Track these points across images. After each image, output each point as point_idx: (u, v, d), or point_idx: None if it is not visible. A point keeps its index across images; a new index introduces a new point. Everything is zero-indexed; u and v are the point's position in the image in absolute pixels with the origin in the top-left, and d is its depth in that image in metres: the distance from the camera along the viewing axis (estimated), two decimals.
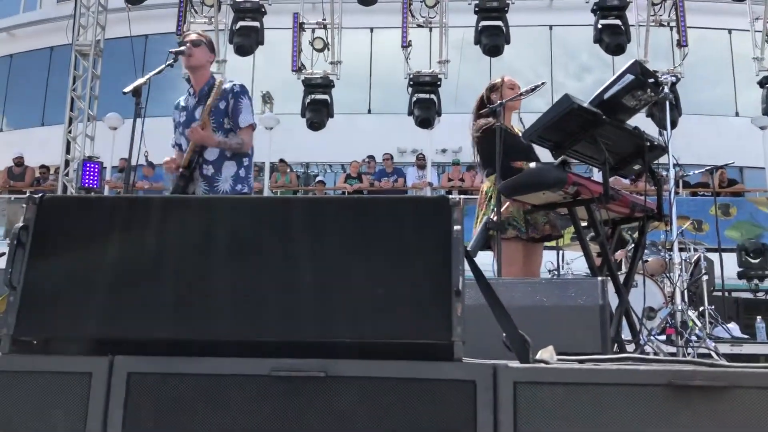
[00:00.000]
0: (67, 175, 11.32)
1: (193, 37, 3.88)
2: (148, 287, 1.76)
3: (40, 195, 1.85)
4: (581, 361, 1.85)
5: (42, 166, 13.04)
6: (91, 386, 1.64)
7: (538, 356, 1.79)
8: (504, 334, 1.81)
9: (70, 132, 11.48)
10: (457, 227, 1.72)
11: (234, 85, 3.79)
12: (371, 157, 12.99)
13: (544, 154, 3.57)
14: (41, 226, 1.80)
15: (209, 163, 3.74)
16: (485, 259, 3.91)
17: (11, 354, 1.70)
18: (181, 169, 3.73)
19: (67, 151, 11.45)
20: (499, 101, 4.00)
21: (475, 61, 11.74)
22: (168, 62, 3.80)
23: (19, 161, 12.90)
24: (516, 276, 3.86)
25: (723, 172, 10.85)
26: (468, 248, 1.87)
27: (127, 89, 3.64)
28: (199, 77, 3.86)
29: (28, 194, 11.70)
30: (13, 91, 18.50)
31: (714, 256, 6.85)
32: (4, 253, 1.96)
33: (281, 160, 12.89)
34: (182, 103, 3.92)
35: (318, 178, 14.66)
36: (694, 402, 1.56)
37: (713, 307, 6.14)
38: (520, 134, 4.12)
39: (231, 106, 3.73)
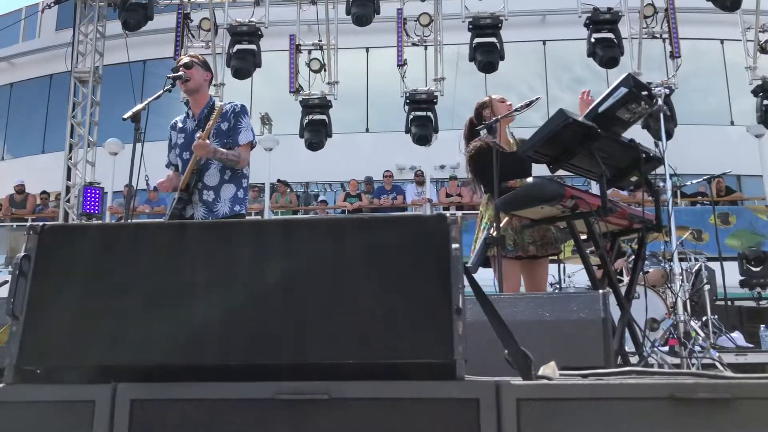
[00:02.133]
0: (68, 201, 11.35)
1: (186, 60, 3.91)
2: (148, 313, 1.76)
3: (40, 224, 1.87)
4: (584, 376, 1.85)
5: (42, 192, 13.08)
6: (95, 414, 1.64)
7: (540, 372, 1.79)
8: (506, 351, 1.81)
9: (70, 158, 11.53)
10: (455, 245, 1.73)
11: (234, 105, 3.85)
12: (369, 179, 12.98)
13: (540, 170, 3.58)
14: (42, 256, 1.82)
15: (210, 188, 3.76)
16: (486, 275, 3.92)
17: (15, 384, 1.70)
18: (179, 192, 3.75)
19: (68, 178, 11.48)
20: (493, 118, 4.02)
21: (470, 76, 11.80)
22: (166, 87, 3.84)
23: (20, 189, 12.94)
24: (514, 292, 3.86)
25: (720, 180, 10.87)
26: (468, 265, 1.89)
27: (127, 115, 3.67)
28: (198, 99, 3.90)
29: (29, 222, 11.75)
30: (13, 119, 18.61)
31: (715, 265, 6.84)
32: (6, 282, 1.97)
33: (279, 181, 12.92)
34: (180, 124, 3.95)
35: (320, 198, 14.68)
36: (697, 414, 1.55)
37: (716, 316, 6.11)
38: (515, 146, 4.14)
39: (231, 125, 3.79)
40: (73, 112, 11.58)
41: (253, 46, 10.28)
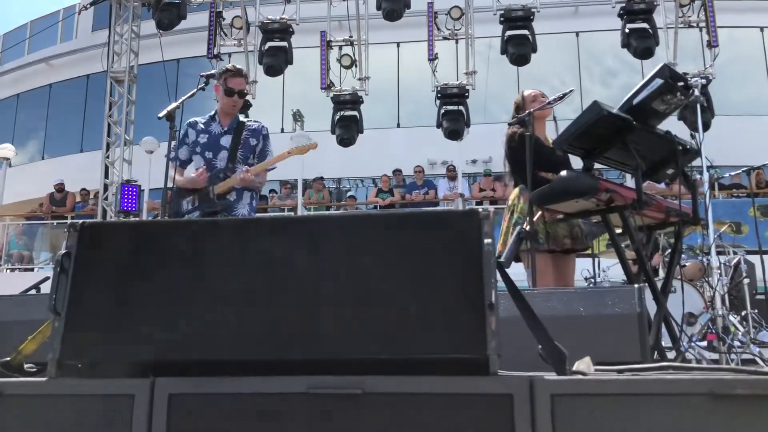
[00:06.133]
0: (106, 199, 11.57)
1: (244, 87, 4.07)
2: (184, 309, 1.80)
3: (80, 222, 1.91)
4: (620, 371, 1.83)
5: (82, 189, 13.41)
6: (134, 407, 1.68)
7: (575, 367, 1.77)
8: (540, 346, 1.80)
9: (107, 157, 11.74)
10: (487, 240, 1.72)
11: (262, 126, 4.04)
12: (397, 171, 12.98)
13: (574, 162, 3.54)
14: (83, 252, 1.86)
15: (233, 190, 3.91)
16: (518, 269, 3.89)
17: (57, 378, 1.75)
18: (213, 195, 3.83)
19: (106, 176, 11.70)
20: (526, 111, 3.98)
21: (502, 69, 11.69)
22: (200, 86, 3.91)
23: (60, 187, 13.26)
24: (548, 286, 3.82)
25: (760, 172, 10.59)
26: (501, 260, 1.88)
27: (162, 114, 3.74)
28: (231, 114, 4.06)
29: (69, 220, 12.02)
30: (52, 119, 19.06)
31: (755, 259, 6.68)
32: (49, 278, 2.02)
33: (316, 179, 13.02)
34: (201, 125, 3.98)
35: (349, 194, 14.74)
36: (737, 411, 1.52)
37: (756, 311, 5.97)
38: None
39: (260, 146, 3.98)
40: (110, 111, 11.79)
41: (284, 43, 10.32)
